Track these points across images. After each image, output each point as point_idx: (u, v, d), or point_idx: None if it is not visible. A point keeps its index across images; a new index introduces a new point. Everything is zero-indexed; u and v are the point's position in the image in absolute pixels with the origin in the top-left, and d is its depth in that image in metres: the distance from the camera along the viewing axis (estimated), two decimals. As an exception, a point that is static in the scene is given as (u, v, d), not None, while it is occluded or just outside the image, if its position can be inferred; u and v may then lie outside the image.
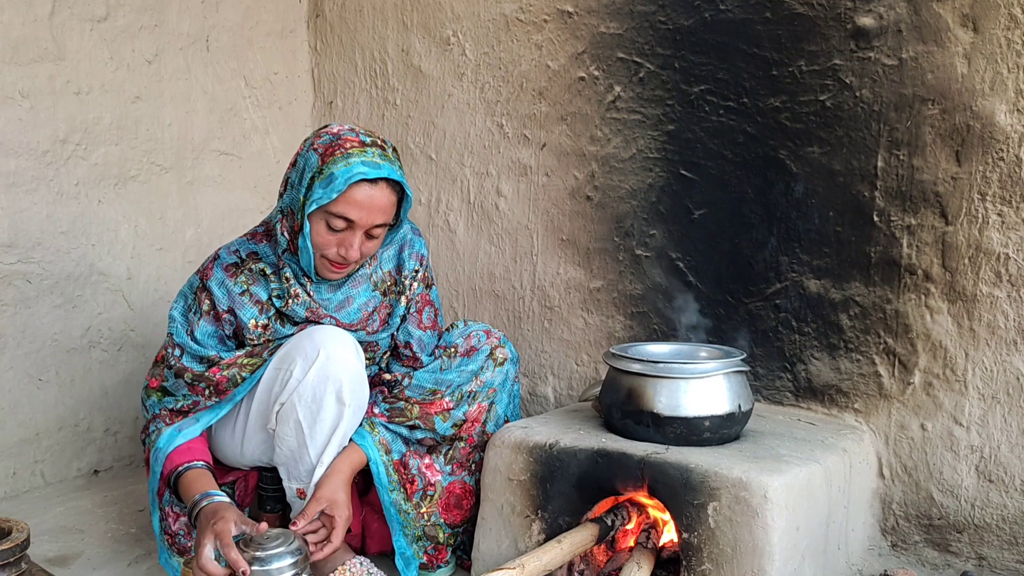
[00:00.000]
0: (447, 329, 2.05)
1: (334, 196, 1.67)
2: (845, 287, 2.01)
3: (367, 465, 1.83)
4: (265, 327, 1.82)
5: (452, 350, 1.96)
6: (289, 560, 1.53)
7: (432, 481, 1.89)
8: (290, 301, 1.81)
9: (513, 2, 2.52)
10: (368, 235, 1.75)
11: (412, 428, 1.87)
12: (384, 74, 2.86)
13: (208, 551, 1.52)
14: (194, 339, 1.83)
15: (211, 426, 1.86)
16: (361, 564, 1.81)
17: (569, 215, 2.47)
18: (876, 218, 1.96)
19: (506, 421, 1.99)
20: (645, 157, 2.30)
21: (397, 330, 1.96)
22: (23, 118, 2.36)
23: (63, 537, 2.14)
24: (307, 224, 1.72)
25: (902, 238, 1.93)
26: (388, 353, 1.99)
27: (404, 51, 2.79)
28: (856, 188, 1.98)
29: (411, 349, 1.96)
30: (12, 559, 1.54)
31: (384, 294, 1.93)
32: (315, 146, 1.73)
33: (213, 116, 2.82)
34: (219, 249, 1.88)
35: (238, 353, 1.82)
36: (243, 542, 1.54)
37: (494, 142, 2.61)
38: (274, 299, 1.82)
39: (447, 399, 1.88)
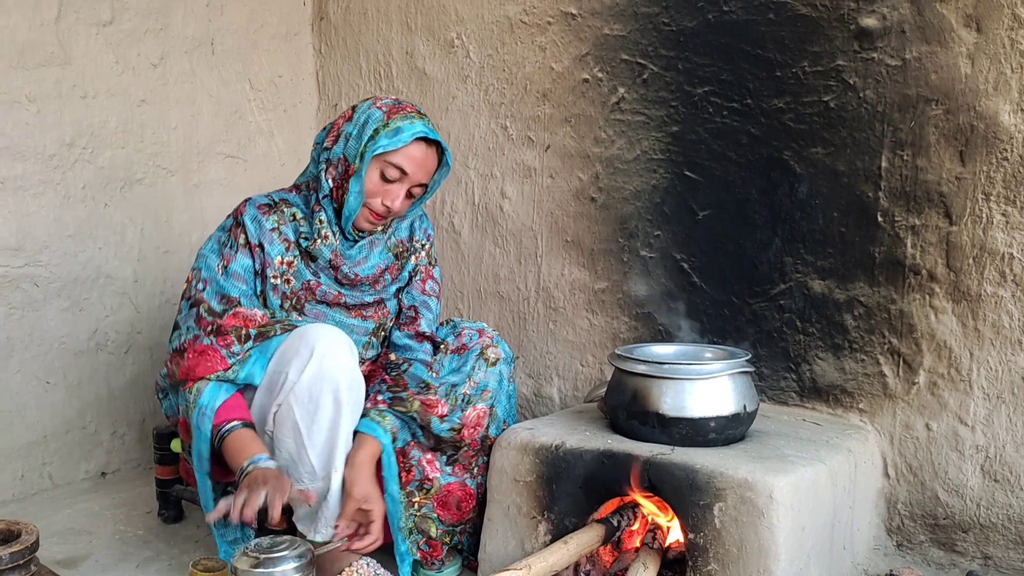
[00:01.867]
0: (440, 326, 2.09)
1: (399, 146, 1.84)
2: (849, 287, 2.02)
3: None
4: (290, 264, 1.89)
5: (443, 347, 2.00)
6: (293, 564, 1.55)
7: (431, 476, 1.91)
8: (318, 241, 1.89)
9: (517, 4, 2.53)
10: (409, 193, 1.91)
11: (412, 420, 1.88)
12: (388, 76, 2.87)
13: (260, 499, 1.54)
14: (227, 272, 1.84)
15: None
16: (368, 565, 1.82)
17: (573, 216, 2.48)
18: (880, 218, 1.96)
19: (504, 424, 1.99)
20: (649, 158, 2.31)
21: (403, 291, 2.04)
22: (30, 122, 2.38)
23: (71, 539, 2.15)
24: (364, 172, 1.85)
25: (906, 238, 1.94)
26: (393, 325, 2.03)
27: (408, 53, 2.80)
28: (860, 188, 1.99)
29: (415, 311, 2.02)
30: (22, 561, 1.56)
31: (396, 257, 2.03)
32: (378, 105, 1.90)
33: (218, 119, 2.83)
34: (249, 196, 1.95)
35: (256, 310, 1.82)
36: (248, 549, 1.55)
37: (498, 144, 2.62)
38: (301, 240, 1.90)
39: (441, 399, 1.89)
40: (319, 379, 1.73)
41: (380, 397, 1.89)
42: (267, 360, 1.78)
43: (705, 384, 1.75)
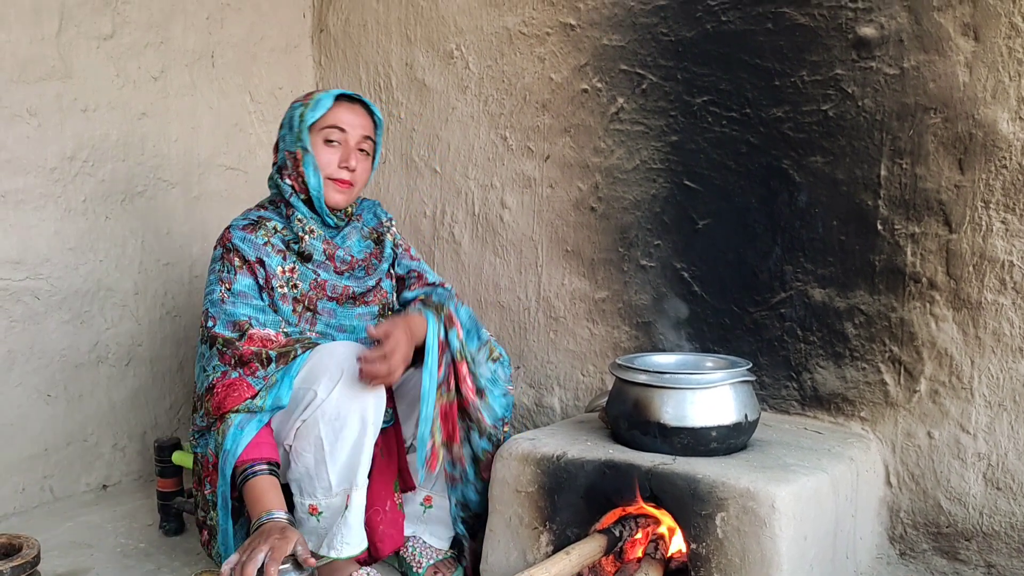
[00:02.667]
0: None
1: (323, 111, 1.94)
2: (850, 296, 2.02)
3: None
4: (292, 270, 1.93)
5: None
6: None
7: (451, 386, 1.94)
8: (306, 238, 1.95)
9: (516, 15, 2.54)
10: (360, 151, 1.99)
11: (442, 322, 1.94)
12: (388, 88, 2.88)
13: (259, 559, 1.53)
14: (233, 295, 1.86)
15: None
16: (368, 575, 1.82)
17: (573, 226, 2.48)
18: (880, 227, 1.97)
19: (504, 424, 1.99)
20: (648, 168, 2.31)
21: (393, 266, 2.11)
22: (31, 136, 2.38)
23: (73, 552, 2.14)
24: (309, 147, 1.93)
25: (906, 246, 1.94)
26: (394, 300, 2.09)
27: (408, 65, 2.81)
28: (859, 197, 1.99)
29: (415, 273, 2.12)
30: (23, 575, 1.56)
31: (376, 242, 2.10)
32: (293, 102, 2.01)
33: (219, 131, 2.84)
34: (228, 224, 1.98)
35: (268, 330, 1.83)
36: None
37: (498, 154, 2.63)
38: (291, 245, 1.95)
39: (459, 322, 1.95)
40: (349, 397, 1.74)
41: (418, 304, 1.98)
42: (292, 380, 1.78)
43: (706, 393, 1.75)
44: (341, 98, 1.98)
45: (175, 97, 2.72)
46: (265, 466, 1.72)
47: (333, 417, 1.74)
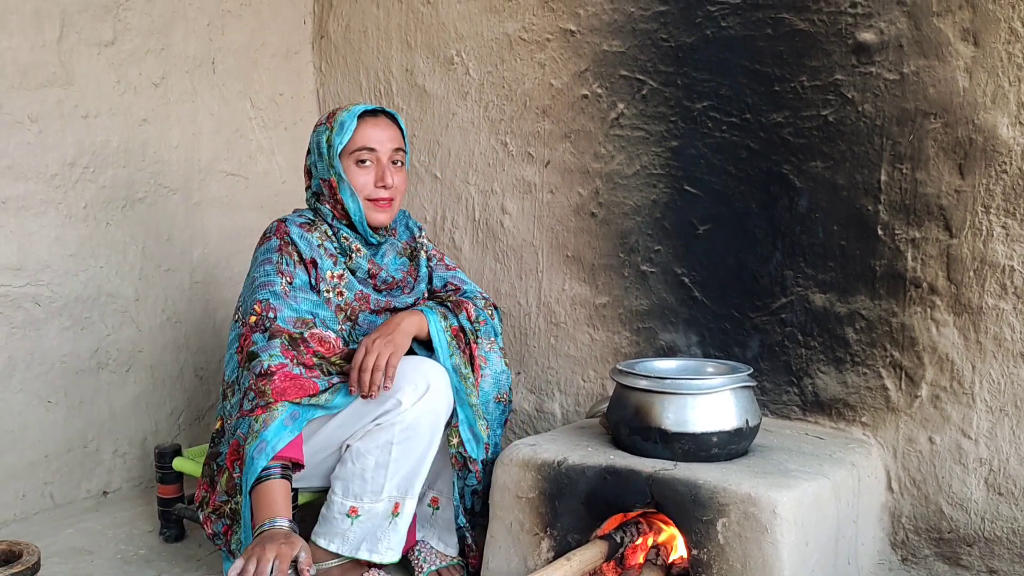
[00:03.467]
0: None
1: (350, 134, 1.93)
2: (851, 301, 2.02)
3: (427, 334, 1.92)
4: (340, 277, 1.95)
5: None
6: None
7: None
8: (353, 255, 1.98)
9: (516, 22, 2.55)
10: (393, 163, 1.98)
11: (449, 310, 1.99)
12: (388, 93, 2.88)
13: (267, 567, 1.53)
14: (294, 290, 1.88)
15: None
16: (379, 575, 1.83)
17: (574, 232, 2.48)
18: (880, 232, 1.97)
19: (485, 429, 1.99)
20: (649, 173, 2.31)
21: (430, 281, 2.13)
22: (32, 142, 2.39)
23: (73, 559, 2.14)
24: (343, 173, 1.94)
25: (907, 251, 1.94)
26: None
27: (408, 71, 2.82)
28: (860, 202, 1.99)
29: (452, 285, 2.12)
30: (24, 582, 1.55)
31: (410, 258, 2.12)
32: (319, 125, 2.01)
33: (219, 137, 2.84)
34: (280, 218, 1.99)
35: (329, 332, 1.85)
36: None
37: (498, 160, 2.63)
38: (339, 255, 1.98)
39: (473, 310, 2.00)
40: (429, 411, 1.79)
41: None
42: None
43: (707, 399, 1.75)
44: (364, 115, 1.96)
45: (176, 103, 2.72)
46: (279, 469, 1.71)
47: (409, 426, 1.77)
